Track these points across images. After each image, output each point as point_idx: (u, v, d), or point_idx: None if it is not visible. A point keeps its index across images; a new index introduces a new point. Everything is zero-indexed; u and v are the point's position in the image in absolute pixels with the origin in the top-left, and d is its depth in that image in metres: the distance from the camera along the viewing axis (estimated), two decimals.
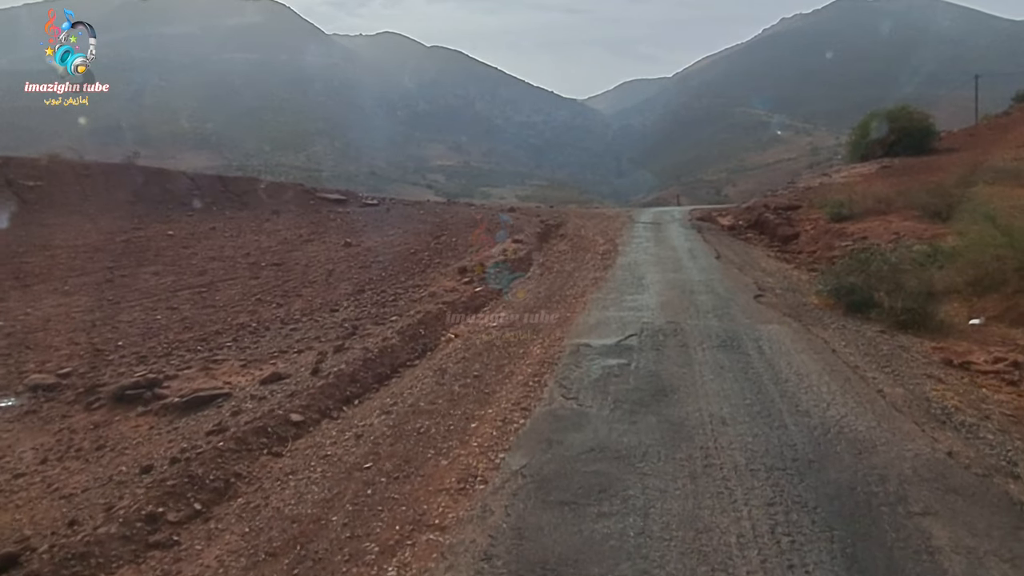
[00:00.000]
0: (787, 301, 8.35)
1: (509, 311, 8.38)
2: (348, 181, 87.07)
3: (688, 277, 9.89)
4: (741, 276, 10.10)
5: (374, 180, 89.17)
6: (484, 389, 5.20)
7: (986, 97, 37.94)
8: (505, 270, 11.69)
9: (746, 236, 17.29)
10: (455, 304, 9.30)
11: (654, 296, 8.58)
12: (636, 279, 9.84)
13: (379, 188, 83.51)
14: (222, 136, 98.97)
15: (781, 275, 10.58)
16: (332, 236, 15.55)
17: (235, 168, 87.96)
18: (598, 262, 11.79)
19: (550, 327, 7.25)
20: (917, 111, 23.58)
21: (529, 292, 9.66)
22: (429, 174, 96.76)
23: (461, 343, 6.93)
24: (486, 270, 11.75)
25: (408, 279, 12.20)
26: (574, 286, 9.72)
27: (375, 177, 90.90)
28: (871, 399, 4.75)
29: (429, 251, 14.20)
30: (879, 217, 14.80)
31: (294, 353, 7.97)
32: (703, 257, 11.91)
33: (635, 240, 14.46)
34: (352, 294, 11.18)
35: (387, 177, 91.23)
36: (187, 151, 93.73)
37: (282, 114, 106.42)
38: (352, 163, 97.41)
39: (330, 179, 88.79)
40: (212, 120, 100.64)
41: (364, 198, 20.41)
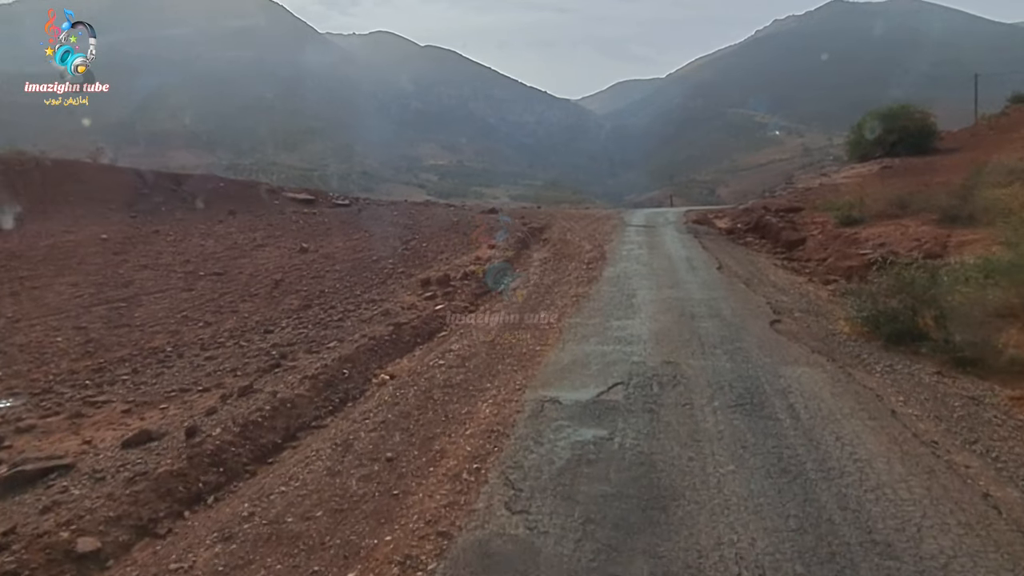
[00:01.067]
0: (811, 329, 6.60)
1: (466, 340, 6.60)
2: (341, 180, 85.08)
3: (687, 294, 8.12)
4: (749, 293, 8.34)
5: (366, 179, 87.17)
6: (393, 487, 3.42)
7: (981, 97, 36.73)
8: (474, 283, 9.91)
9: (746, 240, 15.61)
10: (407, 327, 7.53)
11: (646, 321, 6.81)
12: (625, 297, 8.07)
13: (371, 187, 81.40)
14: (214, 135, 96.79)
15: (796, 291, 8.83)
16: (290, 240, 13.72)
17: (226, 167, 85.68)
18: (582, 273, 10.02)
19: (512, 367, 5.48)
20: (918, 110, 22.11)
21: (498, 312, 7.89)
22: (422, 173, 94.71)
23: (392, 391, 5.15)
24: (451, 283, 9.96)
25: (364, 292, 10.44)
26: (551, 305, 7.94)
27: (367, 176, 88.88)
28: (982, 516, 3.01)
29: (395, 258, 12.41)
30: (892, 221, 13.13)
31: (195, 393, 6.27)
32: (703, 268, 10.15)
33: (626, 246, 12.69)
34: (296, 310, 9.44)
35: (380, 176, 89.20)
36: (178, 150, 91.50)
37: (275, 113, 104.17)
38: (345, 162, 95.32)
39: (322, 178, 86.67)
40: (204, 119, 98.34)
41: (334, 198, 18.56)
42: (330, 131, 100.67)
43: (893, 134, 21.10)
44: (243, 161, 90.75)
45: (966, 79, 55.32)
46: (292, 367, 6.55)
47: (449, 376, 5.36)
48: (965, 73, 68.83)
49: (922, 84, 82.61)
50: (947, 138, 23.05)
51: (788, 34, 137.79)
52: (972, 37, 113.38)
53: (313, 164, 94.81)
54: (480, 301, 9.00)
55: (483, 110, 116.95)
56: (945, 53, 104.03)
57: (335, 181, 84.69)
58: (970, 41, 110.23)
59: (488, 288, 9.62)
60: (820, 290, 9.28)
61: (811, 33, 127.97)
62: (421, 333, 7.39)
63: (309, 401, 4.93)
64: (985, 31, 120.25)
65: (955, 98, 50.99)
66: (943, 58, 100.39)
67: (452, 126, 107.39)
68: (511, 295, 8.93)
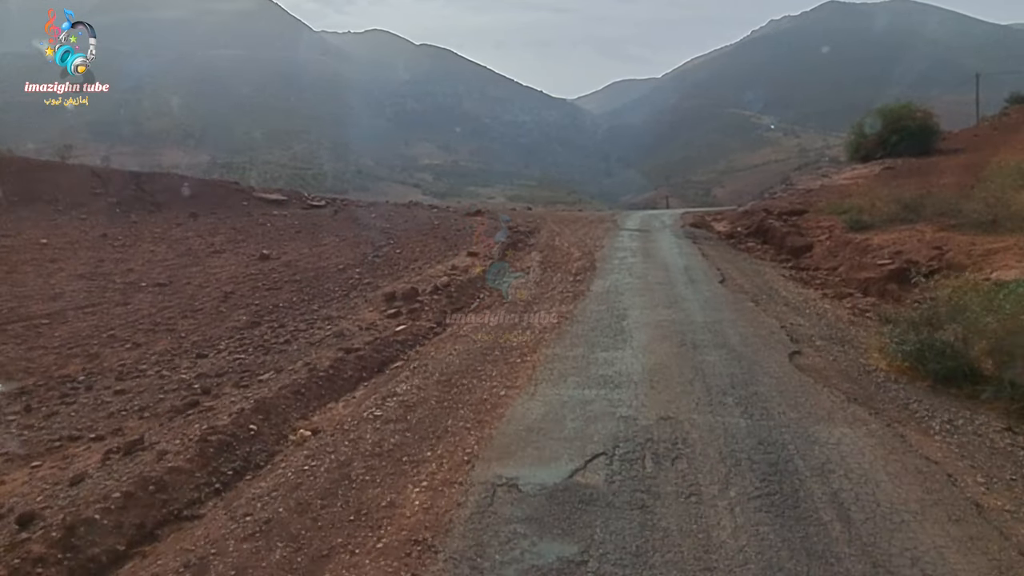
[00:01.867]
0: (839, 364, 5.34)
1: (419, 378, 5.31)
2: (335, 179, 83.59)
3: (687, 316, 6.85)
4: (759, 313, 7.08)
5: (360, 179, 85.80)
6: None
7: (974, 99, 35.96)
8: (445, 298, 8.62)
9: (747, 246, 14.41)
10: (355, 356, 6.25)
11: (639, 354, 5.54)
12: (615, 319, 6.79)
13: (366, 187, 79.96)
14: (207, 132, 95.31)
15: (811, 310, 7.58)
16: (251, 246, 12.40)
17: (220, 165, 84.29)
18: (568, 287, 8.74)
19: (464, 423, 4.21)
20: (919, 109, 20.83)
21: (465, 338, 6.61)
22: (417, 173, 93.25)
23: (304, 459, 3.87)
24: (419, 297, 8.68)
25: (322, 307, 9.16)
26: (528, 328, 6.67)
27: (362, 175, 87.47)
28: None
29: (363, 266, 11.13)
30: (907, 226, 11.93)
31: (83, 444, 5.10)
32: (704, 280, 8.89)
33: (618, 254, 11.42)
34: (241, 328, 8.18)
35: (374, 176, 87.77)
36: (171, 147, 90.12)
37: (269, 111, 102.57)
38: (339, 161, 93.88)
39: (316, 177, 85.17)
40: (198, 117, 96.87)
41: (309, 199, 17.21)
42: (325, 130, 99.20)
43: (894, 134, 20.03)
44: (236, 159, 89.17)
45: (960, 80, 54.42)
46: (209, 408, 5.31)
47: (382, 436, 4.07)
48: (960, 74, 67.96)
49: (917, 84, 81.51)
50: (948, 138, 22.19)
51: (783, 34, 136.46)
52: (966, 38, 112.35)
53: (307, 163, 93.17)
54: (449, 320, 7.72)
55: (479, 109, 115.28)
56: (940, 54, 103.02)
57: (329, 180, 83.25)
58: (964, 42, 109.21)
59: (459, 305, 8.33)
60: (838, 308, 8.05)
61: (806, 33, 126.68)
62: (370, 364, 6.10)
63: (188, 477, 3.64)
64: (979, 32, 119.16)
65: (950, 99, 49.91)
66: (938, 59, 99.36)
67: (448, 125, 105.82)
68: (484, 313, 7.66)
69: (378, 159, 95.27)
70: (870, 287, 9.59)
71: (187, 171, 75.53)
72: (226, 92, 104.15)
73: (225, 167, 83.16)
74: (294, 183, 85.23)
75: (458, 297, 8.67)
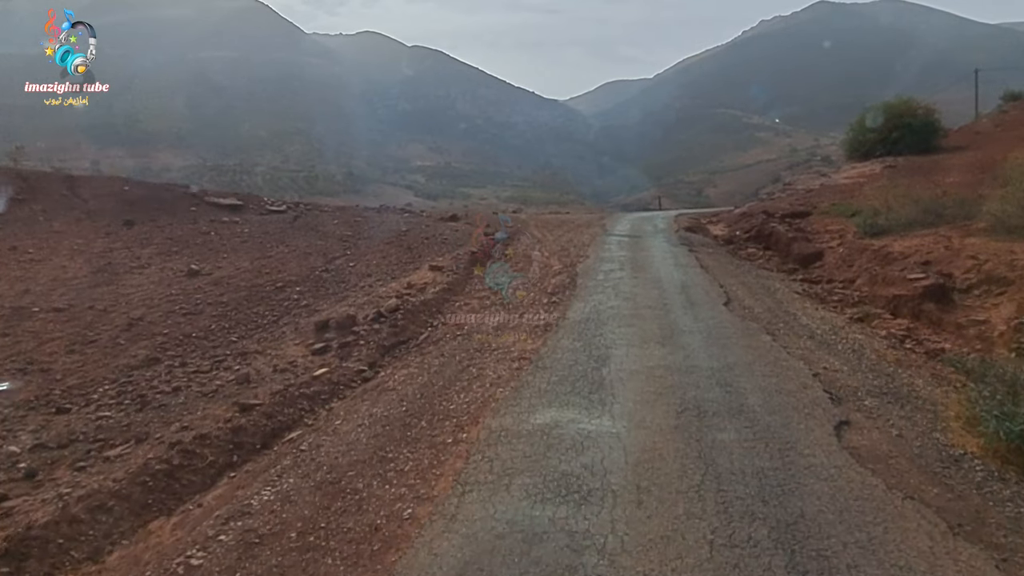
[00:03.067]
0: (910, 445, 3.63)
1: (297, 477, 3.57)
2: (326, 182, 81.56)
3: (688, 358, 5.13)
4: (779, 351, 5.37)
5: (352, 180, 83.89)
6: None
7: (969, 98, 34.82)
8: (387, 329, 6.86)
9: (748, 252, 12.82)
10: (249, 419, 4.53)
11: (622, 429, 3.82)
12: (592, 363, 5.06)
13: (358, 189, 77.93)
14: (198, 135, 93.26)
15: (843, 343, 5.87)
16: (183, 259, 10.59)
17: (209, 167, 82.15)
18: (540, 313, 7.01)
19: (357, 555, 2.49)
20: (921, 105, 19.42)
21: (392, 393, 4.87)
22: (409, 174, 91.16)
23: None
24: (357, 327, 6.92)
25: (243, 337, 7.42)
26: (477, 378, 4.93)
27: (353, 177, 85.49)
28: None
29: (307, 284, 9.37)
30: (929, 231, 10.35)
31: None
32: (705, 302, 7.17)
33: (604, 266, 9.69)
34: (132, 369, 6.45)
35: (366, 178, 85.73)
36: (162, 150, 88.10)
37: (260, 113, 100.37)
38: (331, 163, 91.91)
39: (308, 179, 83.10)
40: (189, 119, 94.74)
41: (268, 203, 15.37)
42: (316, 132, 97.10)
43: (895, 131, 18.75)
44: (227, 162, 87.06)
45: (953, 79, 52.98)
46: (8, 511, 3.61)
47: None
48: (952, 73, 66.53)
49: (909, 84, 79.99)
50: (949, 136, 20.53)
51: (774, 35, 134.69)
52: (958, 38, 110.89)
53: (299, 165, 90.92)
54: (384, 361, 5.98)
55: (471, 111, 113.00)
56: (931, 53, 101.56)
57: (320, 182, 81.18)
58: (956, 42, 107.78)
59: (403, 337, 6.59)
60: (871, 337, 6.39)
61: (797, 34, 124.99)
62: (258, 434, 4.37)
63: None
64: (970, 32, 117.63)
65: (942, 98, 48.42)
66: (929, 58, 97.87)
67: (440, 127, 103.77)
68: (434, 349, 5.93)
69: (370, 161, 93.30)
70: (901, 306, 7.94)
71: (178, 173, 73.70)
72: (217, 94, 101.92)
73: (215, 170, 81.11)
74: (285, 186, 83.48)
75: (404, 327, 6.92)
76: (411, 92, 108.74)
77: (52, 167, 22.14)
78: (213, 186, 69.37)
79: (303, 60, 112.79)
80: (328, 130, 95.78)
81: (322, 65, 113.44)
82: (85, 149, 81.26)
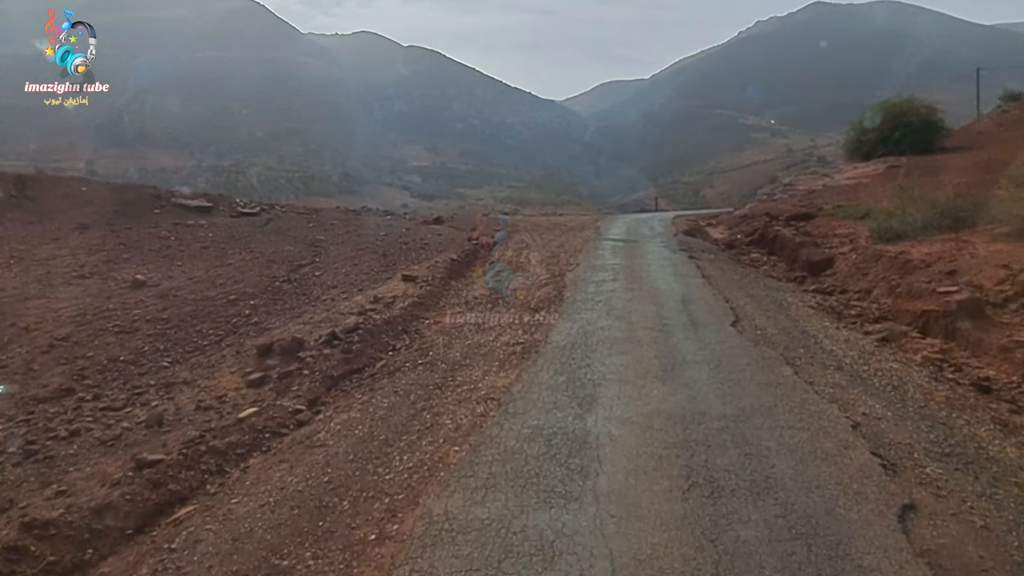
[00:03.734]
0: (1007, 545, 2.61)
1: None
2: (321, 182, 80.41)
3: (694, 403, 4.09)
4: (806, 392, 4.33)
5: (348, 181, 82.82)
6: None
7: (965, 98, 34.18)
8: (339, 355, 5.79)
9: (752, 258, 11.87)
10: (144, 480, 3.48)
11: (608, 515, 2.79)
12: (576, 410, 4.01)
13: (353, 189, 76.85)
14: (194, 136, 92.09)
15: (880, 377, 4.84)
16: (132, 267, 9.50)
17: (204, 168, 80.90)
18: (518, 334, 5.97)
19: None
20: (923, 104, 18.68)
21: (321, 450, 3.82)
22: (405, 175, 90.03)
23: None
24: (304, 353, 5.86)
25: (176, 362, 6.37)
26: (426, 432, 3.88)
27: (349, 178, 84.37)
28: None
29: (263, 296, 8.31)
30: (948, 235, 9.39)
31: None
32: (711, 322, 6.13)
33: (596, 275, 8.65)
34: (37, 403, 5.42)
35: (361, 178, 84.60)
36: (158, 151, 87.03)
37: (256, 114, 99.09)
38: (327, 164, 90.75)
39: (302, 179, 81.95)
40: (185, 119, 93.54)
41: (241, 205, 14.28)
42: (312, 132, 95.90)
43: (897, 130, 17.98)
44: (223, 162, 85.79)
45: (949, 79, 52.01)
46: None
47: None
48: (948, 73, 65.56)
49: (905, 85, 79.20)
50: (951, 135, 19.77)
51: (770, 35, 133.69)
52: (953, 39, 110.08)
53: (295, 165, 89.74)
54: (328, 397, 4.94)
55: (468, 111, 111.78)
56: (926, 54, 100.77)
57: (316, 183, 79.99)
58: (952, 43, 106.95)
59: (356, 366, 5.54)
60: (908, 364, 5.36)
61: (793, 35, 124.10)
62: (129, 517, 3.31)
63: None
64: (966, 33, 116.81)
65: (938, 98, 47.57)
66: (926, 59, 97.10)
67: (436, 127, 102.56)
68: (380, 386, 4.87)
69: (366, 161, 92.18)
70: (931, 324, 6.93)
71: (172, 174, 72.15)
72: (214, 95, 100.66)
73: (210, 170, 79.85)
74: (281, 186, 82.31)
75: (360, 352, 5.86)
76: (407, 92, 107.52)
77: (36, 168, 21.02)
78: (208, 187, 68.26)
79: (299, 60, 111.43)
80: (324, 130, 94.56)
81: (318, 65, 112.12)
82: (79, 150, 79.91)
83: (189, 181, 61.70)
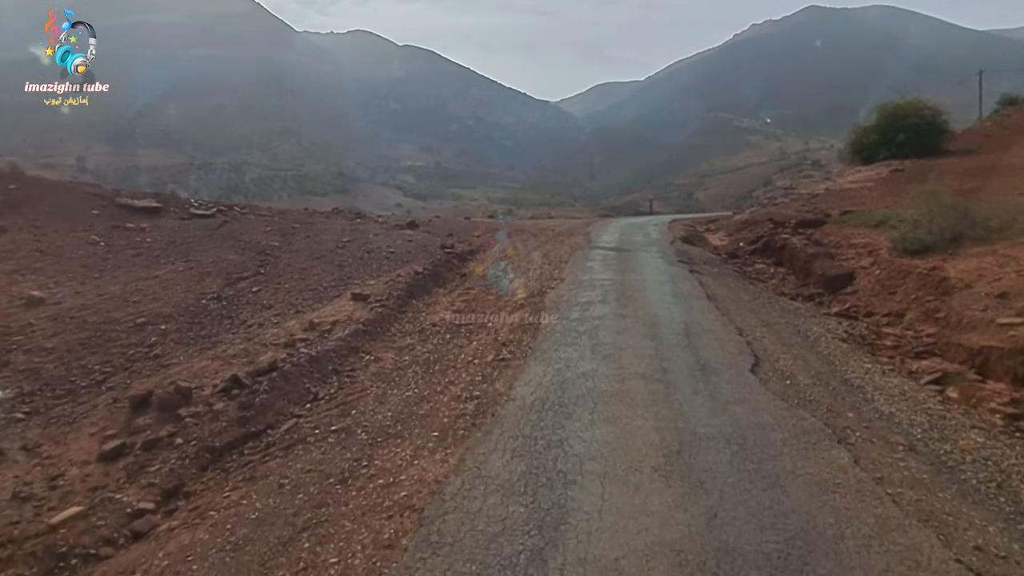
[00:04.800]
0: None
1: None
2: (315, 181, 78.62)
3: (714, 526, 2.62)
4: (880, 501, 2.87)
5: (341, 180, 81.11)
6: None
7: (961, 103, 33.06)
8: (236, 410, 4.28)
9: (757, 268, 10.52)
10: None
11: None
12: (531, 542, 2.54)
13: (346, 188, 75.10)
14: (187, 134, 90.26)
15: (971, 464, 3.38)
16: (35, 280, 7.93)
17: (197, 166, 79.00)
18: (475, 383, 4.48)
19: None
20: (927, 106, 17.50)
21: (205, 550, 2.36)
22: (399, 175, 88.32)
23: None
24: (188, 408, 4.34)
25: (33, 413, 4.91)
26: (304, 571, 2.44)
27: (343, 177, 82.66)
28: None
29: (179, 319, 6.79)
30: (984, 248, 8.00)
31: None
32: (724, 368, 4.66)
33: (582, 295, 7.16)
34: None
35: (355, 177, 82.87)
36: (150, 148, 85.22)
37: (251, 112, 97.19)
38: (320, 163, 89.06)
39: (296, 178, 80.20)
40: (177, 117, 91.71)
41: (194, 206, 12.72)
42: (307, 131, 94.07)
43: (900, 132, 16.91)
44: (216, 160, 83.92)
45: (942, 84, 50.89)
46: None
47: None
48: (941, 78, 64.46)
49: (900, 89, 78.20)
50: (956, 138, 18.78)
51: (765, 38, 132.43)
52: (947, 44, 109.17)
53: (289, 164, 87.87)
54: (196, 485, 3.44)
55: (462, 111, 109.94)
56: (919, 57, 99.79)
57: (309, 182, 78.22)
58: (945, 48, 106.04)
59: (257, 427, 4.03)
60: (991, 433, 3.92)
61: (788, 38, 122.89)
62: None
63: None
64: (959, 38, 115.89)
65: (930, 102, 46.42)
66: (918, 64, 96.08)
67: (431, 127, 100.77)
68: (269, 470, 3.38)
69: (360, 161, 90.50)
70: (992, 364, 5.53)
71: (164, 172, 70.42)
72: (209, 93, 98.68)
73: (203, 168, 78.02)
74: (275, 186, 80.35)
75: (265, 406, 4.35)
76: (402, 92, 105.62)
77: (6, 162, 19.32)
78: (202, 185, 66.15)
79: (294, 59, 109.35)
80: (318, 130, 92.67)
81: (313, 64, 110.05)
82: (71, 147, 77.89)
83: (181, 179, 59.94)
